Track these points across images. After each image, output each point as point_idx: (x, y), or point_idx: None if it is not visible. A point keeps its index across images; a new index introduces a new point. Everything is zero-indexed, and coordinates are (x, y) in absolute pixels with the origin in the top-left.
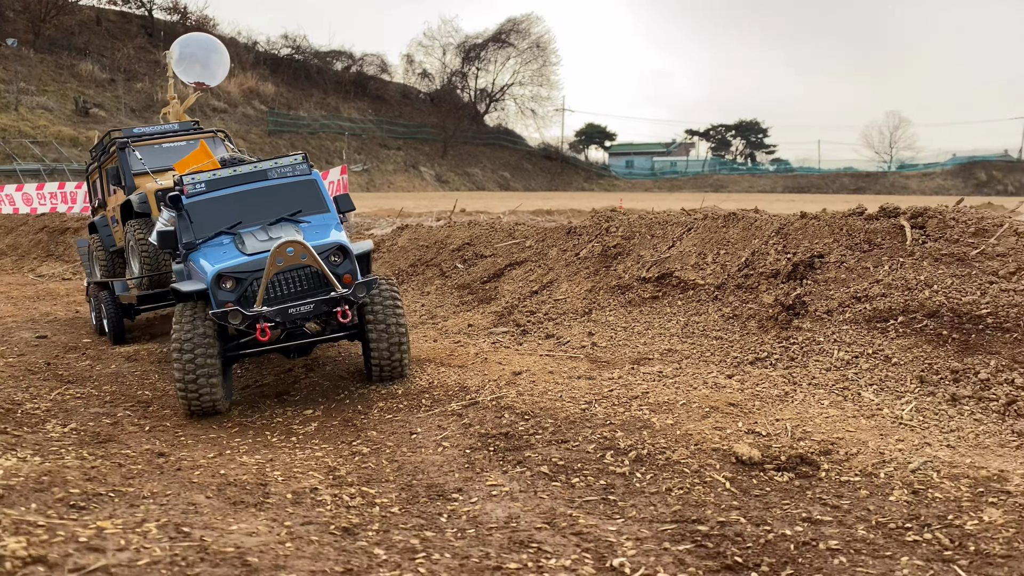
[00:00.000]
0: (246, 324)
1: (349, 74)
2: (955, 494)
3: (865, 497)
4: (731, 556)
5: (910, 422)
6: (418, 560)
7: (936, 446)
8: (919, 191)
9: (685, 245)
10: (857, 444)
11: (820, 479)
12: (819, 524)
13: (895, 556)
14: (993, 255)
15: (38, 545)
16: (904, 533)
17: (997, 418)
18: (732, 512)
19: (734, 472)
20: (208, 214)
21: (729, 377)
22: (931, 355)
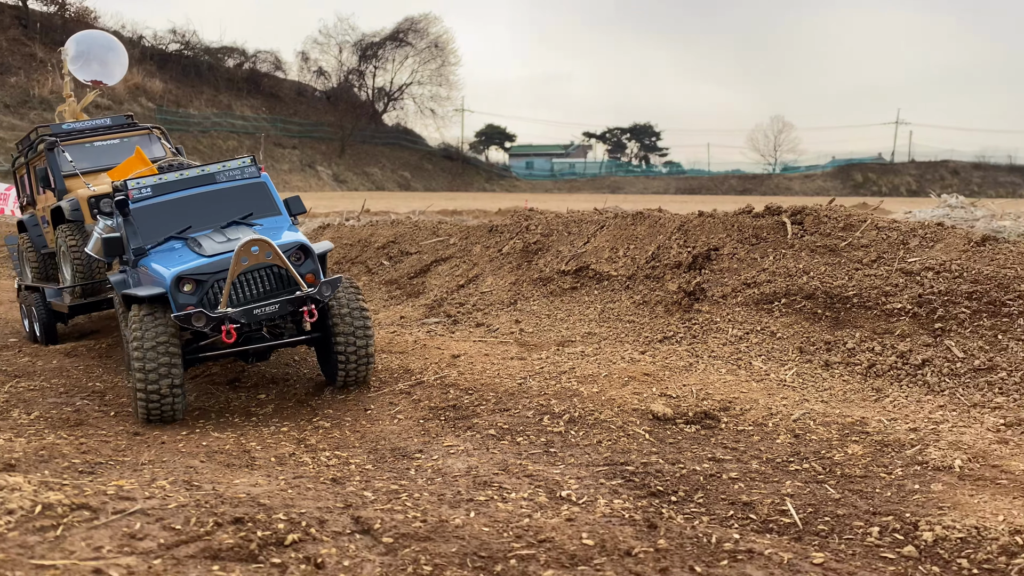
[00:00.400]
0: (210, 326)
1: (241, 71)
2: (827, 436)
3: (757, 441)
4: (654, 486)
5: (792, 384)
6: (402, 498)
7: (813, 401)
8: (801, 192)
9: (599, 241)
10: (750, 402)
11: (721, 429)
12: (721, 462)
13: (781, 480)
14: (858, 246)
15: (75, 496)
16: (788, 465)
17: (860, 379)
18: (652, 456)
19: (652, 426)
20: (156, 219)
21: (642, 353)
22: (808, 330)
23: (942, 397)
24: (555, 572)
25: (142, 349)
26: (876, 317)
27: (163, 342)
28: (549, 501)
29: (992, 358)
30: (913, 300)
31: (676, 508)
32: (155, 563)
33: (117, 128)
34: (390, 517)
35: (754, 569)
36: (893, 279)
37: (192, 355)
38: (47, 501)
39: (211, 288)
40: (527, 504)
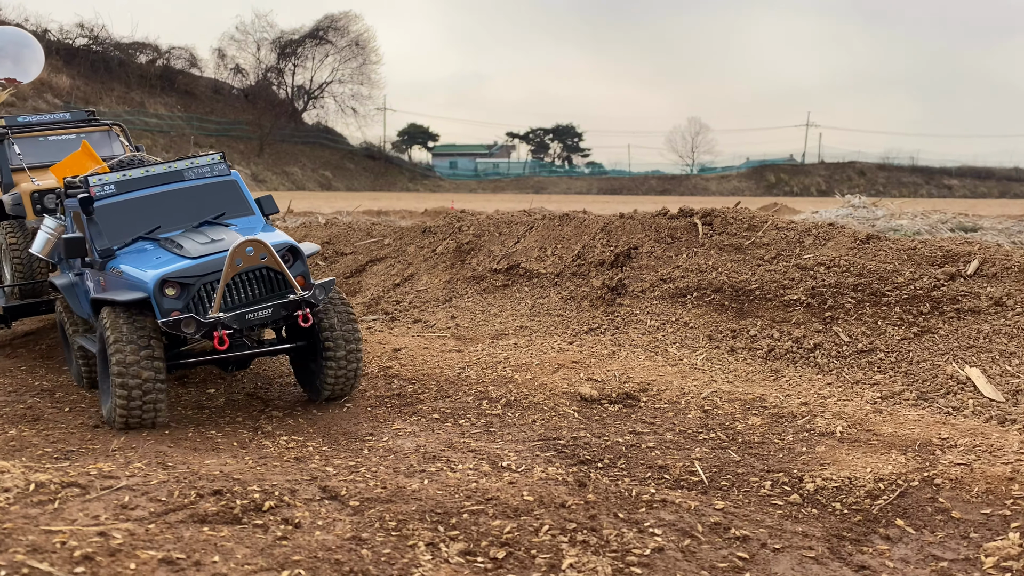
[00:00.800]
0: (202, 332)
1: (155, 68)
2: (731, 410)
3: (671, 416)
4: (583, 455)
5: (702, 367)
6: (361, 471)
7: (720, 382)
8: (718, 192)
9: (528, 241)
10: (665, 383)
11: (640, 407)
12: (641, 434)
13: (691, 448)
14: (760, 244)
15: (62, 476)
16: (697, 435)
17: (761, 361)
18: (581, 431)
19: (580, 407)
20: (122, 218)
21: (570, 343)
22: (717, 320)
23: (830, 376)
24: (502, 522)
25: (123, 362)
26: (775, 307)
27: (145, 350)
28: (492, 470)
29: (872, 341)
30: (807, 292)
31: (602, 472)
32: (150, 527)
33: (76, 123)
34: (353, 486)
35: (667, 514)
36: (790, 273)
37: (171, 361)
38: (38, 480)
39: (198, 292)
40: (473, 472)
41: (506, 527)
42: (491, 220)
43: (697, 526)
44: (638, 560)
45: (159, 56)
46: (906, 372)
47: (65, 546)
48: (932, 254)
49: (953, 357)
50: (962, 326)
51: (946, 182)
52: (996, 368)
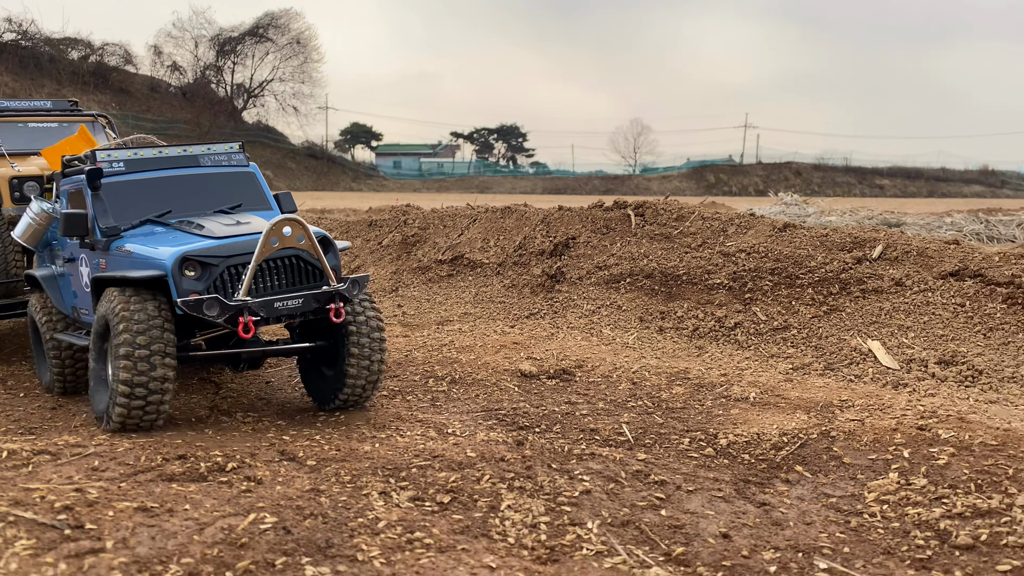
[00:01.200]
0: (226, 317)
1: (88, 64)
2: (658, 382)
3: (604, 388)
4: (521, 423)
5: (633, 345)
6: (316, 438)
7: (649, 358)
8: (659, 192)
9: (472, 233)
10: (599, 360)
11: (576, 381)
12: (575, 403)
13: (620, 414)
14: (687, 233)
15: (32, 445)
16: (626, 403)
17: (687, 339)
18: (520, 403)
19: (520, 382)
20: (131, 198)
21: (511, 327)
22: (647, 303)
23: (748, 351)
24: (447, 473)
25: (131, 354)
26: (700, 291)
27: (158, 343)
28: (438, 435)
29: (787, 320)
30: (729, 276)
31: (539, 435)
32: (123, 485)
33: (59, 112)
34: (310, 450)
35: (595, 464)
36: (714, 260)
37: (184, 353)
38: (10, 448)
39: (221, 275)
40: (421, 438)
41: (451, 478)
42: (436, 213)
43: (621, 473)
44: (568, 500)
45: (92, 52)
46: (816, 346)
47: (45, 500)
48: (842, 240)
49: (857, 332)
50: (866, 304)
51: (878, 182)
52: (894, 341)
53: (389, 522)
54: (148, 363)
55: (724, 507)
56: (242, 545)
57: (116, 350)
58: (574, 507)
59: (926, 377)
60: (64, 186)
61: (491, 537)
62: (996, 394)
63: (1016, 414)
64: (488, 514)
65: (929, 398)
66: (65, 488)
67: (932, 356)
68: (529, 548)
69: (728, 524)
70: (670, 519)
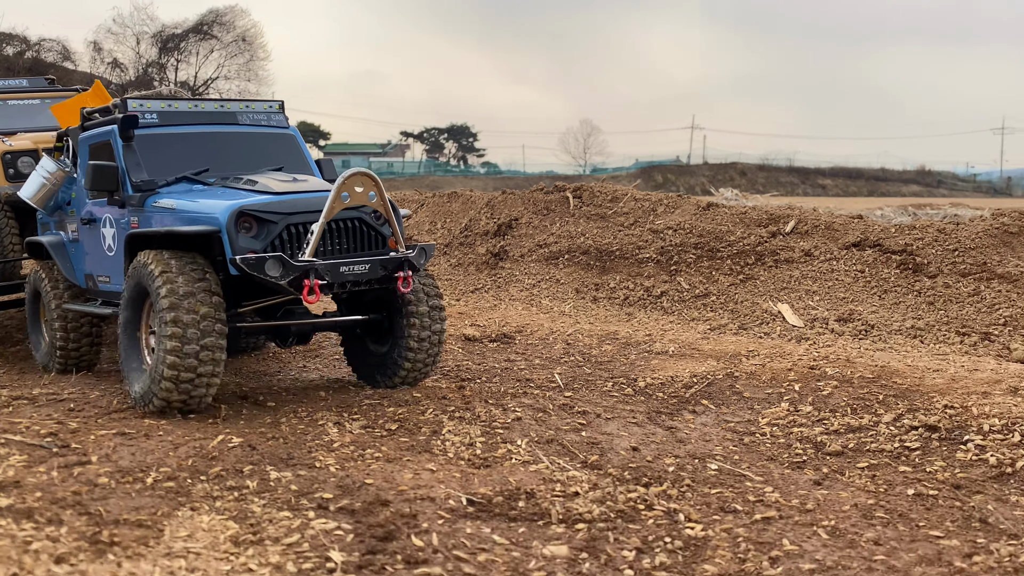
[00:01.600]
0: (290, 279)
1: (23, 60)
2: (589, 342)
3: (540, 348)
4: (464, 376)
5: (569, 313)
6: (273, 387)
7: (583, 323)
8: None
9: (420, 216)
10: (537, 326)
11: (515, 343)
12: (514, 360)
13: (554, 367)
14: (621, 213)
15: (10, 393)
16: (560, 359)
17: (618, 307)
18: (464, 361)
19: (464, 345)
20: (165, 152)
21: (457, 300)
22: (583, 276)
23: (672, 316)
24: (395, 408)
25: (178, 308)
26: (631, 265)
27: (207, 300)
28: (386, 392)
29: (707, 288)
30: (657, 251)
31: (479, 384)
32: (100, 420)
33: (40, 89)
34: (267, 394)
35: (526, 399)
36: (644, 236)
37: (235, 323)
38: None
39: (280, 234)
40: (370, 389)
41: (398, 411)
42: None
43: (549, 406)
44: (501, 426)
45: (28, 48)
46: (732, 310)
47: (30, 429)
48: (759, 217)
49: (769, 297)
50: (778, 272)
51: (820, 182)
52: (801, 304)
53: (343, 443)
54: (198, 330)
55: (636, 430)
56: (213, 458)
57: (160, 317)
58: (506, 430)
59: (825, 332)
60: (87, 139)
61: (433, 452)
62: (884, 344)
63: (895, 356)
64: (431, 437)
65: (826, 348)
66: (47, 422)
67: (833, 315)
68: (466, 459)
69: (638, 441)
70: (589, 438)
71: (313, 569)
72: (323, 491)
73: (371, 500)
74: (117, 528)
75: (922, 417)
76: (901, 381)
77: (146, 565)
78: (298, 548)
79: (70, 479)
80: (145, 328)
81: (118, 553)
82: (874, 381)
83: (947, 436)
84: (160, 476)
